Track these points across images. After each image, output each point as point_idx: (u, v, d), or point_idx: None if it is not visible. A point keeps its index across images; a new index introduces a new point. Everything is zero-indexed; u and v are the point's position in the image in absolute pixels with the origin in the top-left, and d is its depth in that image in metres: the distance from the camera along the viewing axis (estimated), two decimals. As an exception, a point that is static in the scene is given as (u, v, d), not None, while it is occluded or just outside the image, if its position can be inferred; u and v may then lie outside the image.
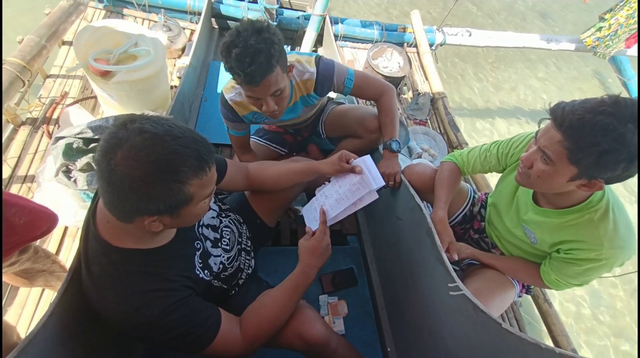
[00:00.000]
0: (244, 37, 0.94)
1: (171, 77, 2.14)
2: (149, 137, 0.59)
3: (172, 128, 0.61)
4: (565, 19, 5.64)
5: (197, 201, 0.67)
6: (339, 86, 1.28)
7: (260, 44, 0.94)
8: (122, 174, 0.57)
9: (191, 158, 0.62)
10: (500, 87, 4.37)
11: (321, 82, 1.24)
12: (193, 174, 0.62)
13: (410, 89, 2.64)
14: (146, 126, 0.59)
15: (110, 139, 0.59)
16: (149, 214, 0.62)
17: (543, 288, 1.40)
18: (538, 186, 0.89)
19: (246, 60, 0.94)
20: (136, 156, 0.57)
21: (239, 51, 0.94)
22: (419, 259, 1.10)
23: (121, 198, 0.60)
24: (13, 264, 1.01)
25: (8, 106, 1.59)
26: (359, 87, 1.30)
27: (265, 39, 0.95)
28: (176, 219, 0.67)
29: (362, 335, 1.34)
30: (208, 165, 0.65)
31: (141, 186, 0.58)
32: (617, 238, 0.85)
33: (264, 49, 0.94)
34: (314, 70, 1.22)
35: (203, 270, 0.85)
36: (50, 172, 1.35)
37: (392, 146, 1.28)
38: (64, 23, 1.77)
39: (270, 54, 0.96)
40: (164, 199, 0.61)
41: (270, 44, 0.96)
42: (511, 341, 0.74)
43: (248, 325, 0.84)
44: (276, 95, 1.08)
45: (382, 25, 2.84)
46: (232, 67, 0.98)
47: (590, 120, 0.70)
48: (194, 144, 0.63)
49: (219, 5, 2.50)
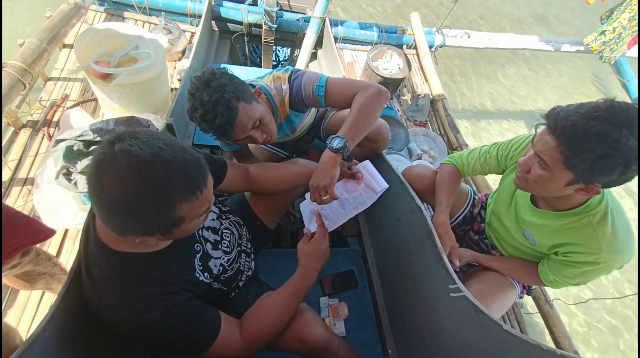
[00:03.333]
0: (198, 97, 0.95)
1: (172, 80, 2.14)
2: (135, 162, 0.56)
3: (161, 150, 0.58)
4: (567, 22, 5.66)
5: (190, 220, 0.66)
6: (311, 97, 1.11)
7: (213, 95, 0.93)
8: (109, 196, 0.56)
9: (181, 182, 0.60)
10: (500, 88, 4.38)
11: (294, 99, 1.14)
12: (183, 199, 0.61)
13: (410, 91, 2.64)
14: (134, 149, 0.56)
15: (98, 159, 0.57)
16: (139, 234, 0.62)
17: (542, 286, 1.40)
18: (536, 190, 0.89)
19: (209, 116, 0.94)
20: (122, 183, 0.56)
21: (200, 112, 0.95)
22: (419, 261, 1.10)
23: (110, 217, 0.60)
24: (14, 267, 1.01)
25: (9, 109, 1.60)
26: (331, 94, 1.09)
27: (215, 89, 0.94)
28: (169, 236, 0.67)
29: (363, 338, 1.33)
30: (200, 188, 0.62)
31: (128, 209, 0.57)
32: (615, 241, 0.85)
33: (218, 98, 0.93)
34: (287, 87, 1.14)
35: (203, 273, 0.85)
36: (51, 174, 1.35)
37: (333, 143, 0.97)
38: (65, 26, 1.78)
39: (226, 99, 0.94)
40: (152, 222, 0.60)
41: (221, 91, 0.94)
42: (512, 343, 0.73)
43: (248, 328, 0.84)
44: (257, 126, 1.04)
45: (381, 27, 2.85)
46: (204, 128, 0.99)
47: (584, 126, 0.70)
48: (185, 167, 0.60)
49: (219, 8, 2.51)
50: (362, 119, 1.02)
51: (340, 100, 1.09)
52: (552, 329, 1.47)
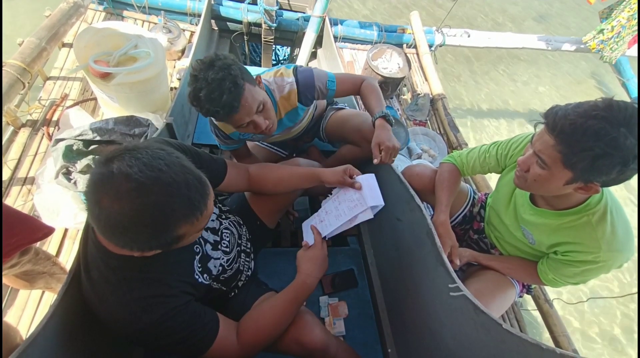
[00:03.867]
0: (202, 77, 0.94)
1: (171, 79, 2.14)
2: (134, 187, 0.55)
3: (161, 173, 0.57)
4: (568, 21, 5.66)
5: (189, 235, 0.66)
6: (322, 91, 1.24)
7: (219, 73, 0.93)
8: (108, 218, 0.56)
9: (181, 206, 0.59)
10: (500, 87, 4.37)
11: (303, 91, 1.21)
12: (183, 221, 0.61)
13: (409, 90, 2.64)
14: (133, 172, 0.55)
15: (97, 179, 0.56)
16: (137, 250, 0.62)
17: (542, 285, 1.40)
18: (535, 189, 0.89)
19: (215, 94, 0.93)
20: (122, 206, 0.55)
21: (205, 91, 0.93)
22: (419, 260, 1.10)
23: (108, 234, 0.60)
24: (14, 266, 1.01)
25: (8, 108, 1.60)
26: (339, 87, 1.27)
27: (220, 67, 0.94)
28: (168, 250, 0.67)
29: (363, 337, 1.33)
30: (200, 210, 0.62)
31: (127, 231, 0.57)
32: (615, 241, 0.85)
33: (225, 75, 0.93)
34: (293, 79, 1.19)
35: (202, 274, 0.85)
36: (50, 174, 1.35)
37: (388, 116, 1.16)
38: (64, 25, 1.78)
39: (232, 76, 0.94)
40: (150, 242, 0.61)
41: (227, 69, 0.94)
42: (512, 342, 0.74)
43: (245, 332, 0.84)
44: (260, 111, 1.05)
45: (381, 27, 2.85)
46: (208, 109, 0.97)
47: (582, 125, 0.70)
48: (186, 190, 0.59)
49: (219, 7, 2.51)
50: (381, 96, 1.25)
51: (347, 90, 1.28)
52: (551, 328, 1.47)
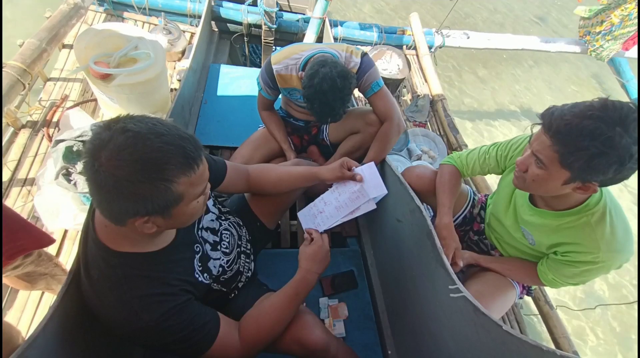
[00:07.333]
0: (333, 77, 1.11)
1: (171, 80, 2.14)
2: (131, 136, 0.57)
3: (156, 126, 0.60)
4: (567, 22, 5.67)
5: (188, 200, 0.65)
6: (367, 84, 1.33)
7: (337, 94, 1.13)
8: (106, 175, 0.56)
9: (177, 155, 0.60)
10: (500, 88, 4.38)
11: (360, 74, 1.31)
12: (180, 172, 0.61)
13: (409, 91, 2.65)
14: (129, 125, 0.58)
15: (95, 140, 0.58)
16: (138, 215, 0.61)
17: (542, 286, 1.40)
18: (534, 189, 0.89)
19: (328, 98, 1.13)
20: (119, 156, 0.56)
21: (328, 85, 1.11)
22: (419, 261, 1.10)
23: (108, 200, 0.59)
24: (17, 267, 1.01)
25: (8, 109, 1.60)
26: (378, 96, 1.35)
27: (340, 90, 1.13)
28: (169, 220, 0.66)
29: (363, 338, 1.33)
30: (196, 162, 0.63)
31: (127, 187, 0.57)
32: (614, 241, 0.85)
33: (338, 98, 1.14)
34: (359, 60, 1.30)
35: (202, 274, 0.85)
36: (51, 175, 1.35)
37: None
38: (65, 26, 1.78)
39: (340, 104, 1.16)
40: (151, 199, 0.60)
41: (342, 98, 1.16)
42: (512, 343, 0.73)
43: (247, 331, 0.84)
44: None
45: (381, 28, 2.85)
46: (313, 85, 1.13)
47: (578, 125, 0.71)
48: (180, 141, 0.61)
49: (219, 9, 2.52)
50: (388, 148, 1.36)
51: (376, 104, 1.36)
52: (551, 330, 1.47)
